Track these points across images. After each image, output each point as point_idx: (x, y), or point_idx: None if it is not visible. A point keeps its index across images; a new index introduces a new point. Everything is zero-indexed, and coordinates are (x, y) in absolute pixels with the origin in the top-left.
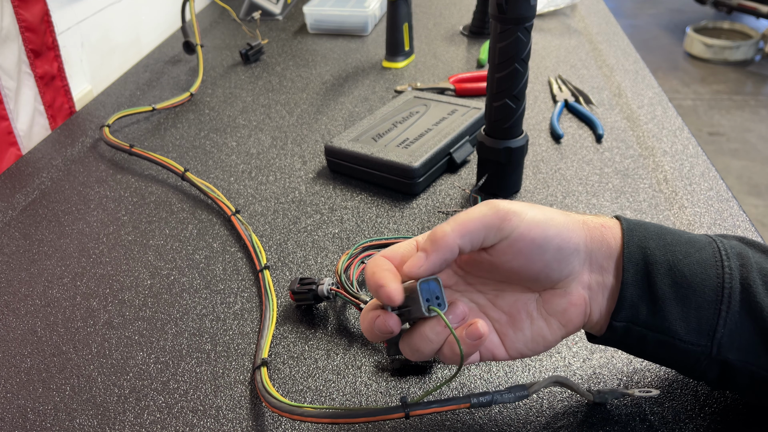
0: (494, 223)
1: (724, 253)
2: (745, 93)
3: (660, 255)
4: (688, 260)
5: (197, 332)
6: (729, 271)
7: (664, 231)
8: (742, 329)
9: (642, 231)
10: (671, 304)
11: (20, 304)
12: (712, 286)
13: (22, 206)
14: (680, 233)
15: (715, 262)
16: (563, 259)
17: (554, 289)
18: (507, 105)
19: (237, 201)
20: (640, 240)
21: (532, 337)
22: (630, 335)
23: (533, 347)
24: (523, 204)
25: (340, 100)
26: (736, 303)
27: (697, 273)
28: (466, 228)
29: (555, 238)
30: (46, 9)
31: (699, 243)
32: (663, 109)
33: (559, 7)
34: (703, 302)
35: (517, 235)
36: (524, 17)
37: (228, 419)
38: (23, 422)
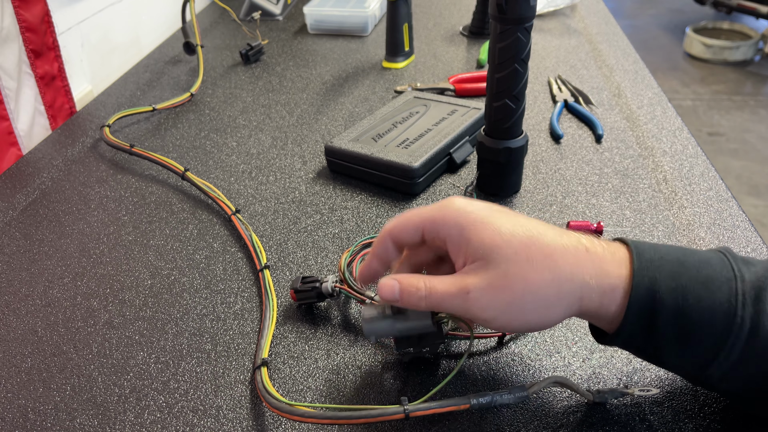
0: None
1: (740, 298)
2: (744, 93)
3: (670, 299)
4: (699, 305)
5: (197, 332)
6: (740, 321)
7: (680, 268)
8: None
9: (654, 269)
10: (670, 343)
11: (21, 304)
12: (718, 332)
13: (22, 206)
14: (698, 267)
15: (728, 309)
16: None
17: None
18: (507, 105)
19: (237, 201)
20: (650, 281)
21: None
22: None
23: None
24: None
25: (340, 101)
26: (738, 349)
27: (705, 318)
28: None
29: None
30: (47, 9)
31: (716, 282)
32: (662, 110)
33: (559, 7)
34: (704, 346)
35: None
36: (524, 17)
37: (228, 419)
38: (24, 422)
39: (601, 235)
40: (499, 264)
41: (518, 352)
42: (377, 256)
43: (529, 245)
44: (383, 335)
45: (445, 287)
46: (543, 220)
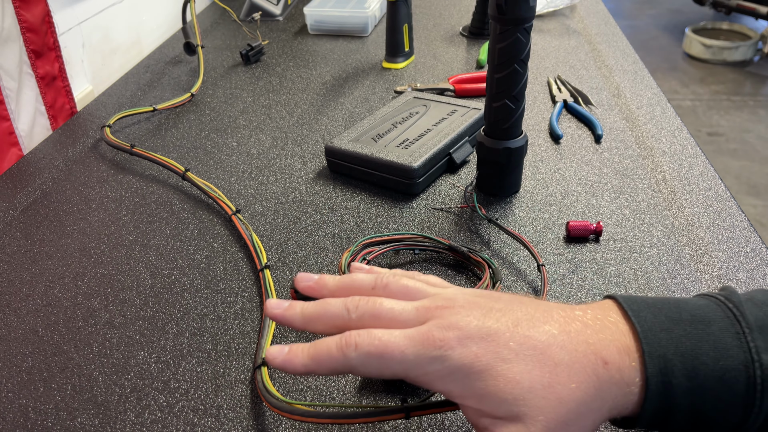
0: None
1: (759, 388)
2: (743, 93)
3: (685, 401)
4: (716, 404)
5: (198, 332)
6: (758, 410)
7: (697, 363)
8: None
9: (668, 371)
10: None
11: (21, 304)
12: (733, 421)
13: (23, 206)
14: (715, 359)
15: (746, 400)
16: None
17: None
18: (506, 105)
19: (237, 201)
20: (665, 387)
21: None
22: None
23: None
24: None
25: (340, 101)
26: (754, 428)
27: (721, 413)
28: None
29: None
30: (47, 10)
31: (733, 373)
32: (662, 110)
33: (559, 7)
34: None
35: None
36: (524, 18)
37: (229, 418)
38: (24, 421)
39: (601, 235)
40: (537, 418)
41: None
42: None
43: (552, 382)
44: None
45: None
46: (543, 220)
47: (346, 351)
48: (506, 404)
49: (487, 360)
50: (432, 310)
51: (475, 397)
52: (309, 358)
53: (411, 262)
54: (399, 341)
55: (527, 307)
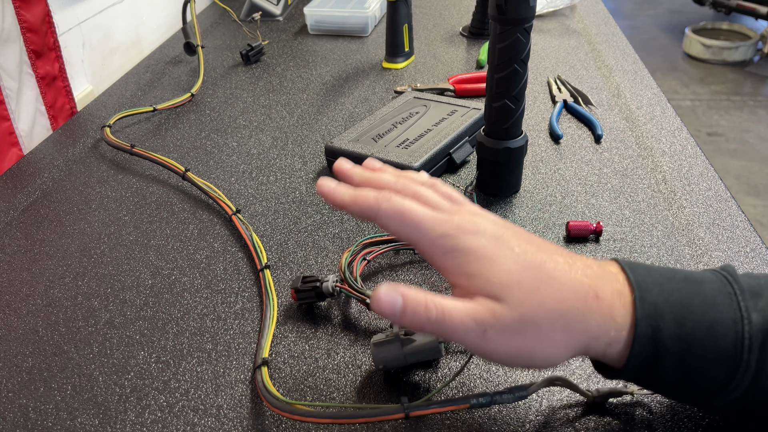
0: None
1: (746, 343)
2: (743, 93)
3: (673, 348)
4: (703, 354)
5: (198, 332)
6: (745, 366)
7: (686, 312)
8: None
9: (658, 315)
10: (670, 388)
11: (22, 304)
12: (721, 377)
13: (23, 206)
14: (704, 310)
15: (734, 354)
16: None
17: None
18: (506, 105)
19: (238, 201)
20: (654, 330)
21: None
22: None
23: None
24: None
25: (340, 101)
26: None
27: (709, 366)
28: (443, 329)
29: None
30: (48, 10)
31: (722, 327)
32: (662, 110)
33: (559, 7)
34: (705, 389)
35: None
36: (523, 18)
37: (229, 418)
38: (24, 421)
39: (601, 235)
40: (514, 307)
41: None
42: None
43: (540, 288)
44: (392, 363)
45: (459, 317)
46: (543, 220)
47: (380, 201)
48: (492, 286)
49: (490, 251)
50: (462, 211)
51: (467, 276)
52: (349, 197)
53: (411, 262)
54: (424, 212)
55: (542, 240)
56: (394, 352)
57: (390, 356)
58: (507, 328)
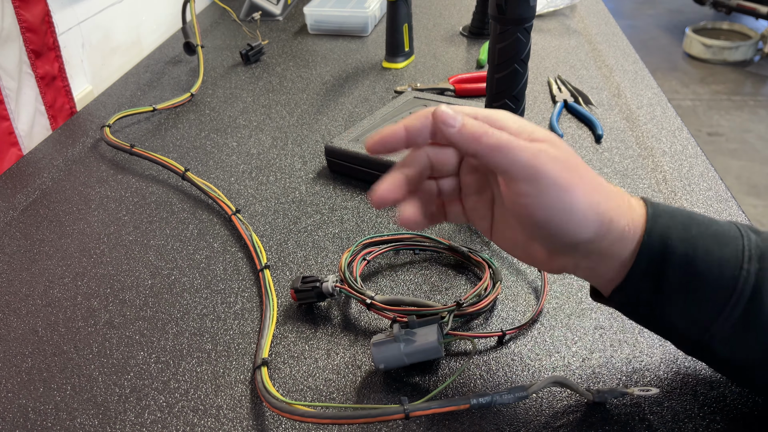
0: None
1: (747, 254)
2: (744, 93)
3: (680, 248)
4: (707, 257)
5: (198, 332)
6: (745, 274)
7: (691, 221)
8: (739, 330)
9: (667, 219)
10: (675, 297)
11: (21, 304)
12: (723, 286)
13: (23, 206)
14: (708, 224)
15: (735, 262)
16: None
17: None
18: (506, 105)
19: (237, 201)
20: (663, 229)
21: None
22: (626, 307)
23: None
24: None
25: (340, 101)
26: (741, 306)
27: (713, 270)
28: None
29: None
30: (47, 9)
31: (724, 238)
32: (662, 110)
33: (559, 7)
34: (708, 300)
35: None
36: (524, 18)
37: (228, 419)
38: (24, 422)
39: None
40: (565, 151)
41: (518, 352)
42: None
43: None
44: (391, 362)
45: (514, 139)
46: None
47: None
48: (549, 135)
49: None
50: None
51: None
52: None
53: (411, 262)
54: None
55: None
56: (394, 353)
57: (390, 356)
58: (560, 158)
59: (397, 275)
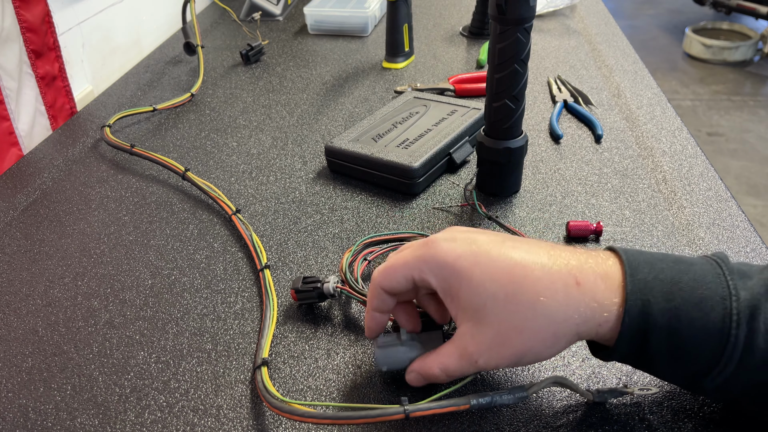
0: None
1: (734, 319)
2: (743, 93)
3: (662, 320)
4: (691, 326)
5: (198, 332)
6: (734, 341)
7: (674, 288)
8: (731, 382)
9: (647, 290)
10: (663, 362)
11: (21, 304)
12: (711, 353)
13: (23, 206)
14: (693, 288)
15: (722, 329)
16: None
17: None
18: (506, 105)
19: (238, 201)
20: (643, 304)
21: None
22: (621, 362)
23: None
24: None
25: (340, 101)
26: (732, 366)
27: (698, 340)
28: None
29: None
30: (47, 10)
31: (710, 302)
32: (662, 110)
33: (559, 7)
34: (697, 365)
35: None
36: (524, 18)
37: (229, 418)
38: (24, 421)
39: (601, 235)
40: (491, 323)
41: None
42: (376, 309)
43: (516, 293)
44: (395, 365)
45: (455, 363)
46: (543, 220)
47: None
48: (468, 312)
49: (465, 263)
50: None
51: (450, 297)
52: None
53: None
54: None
55: (523, 238)
56: (398, 356)
57: (394, 360)
58: (493, 346)
59: None
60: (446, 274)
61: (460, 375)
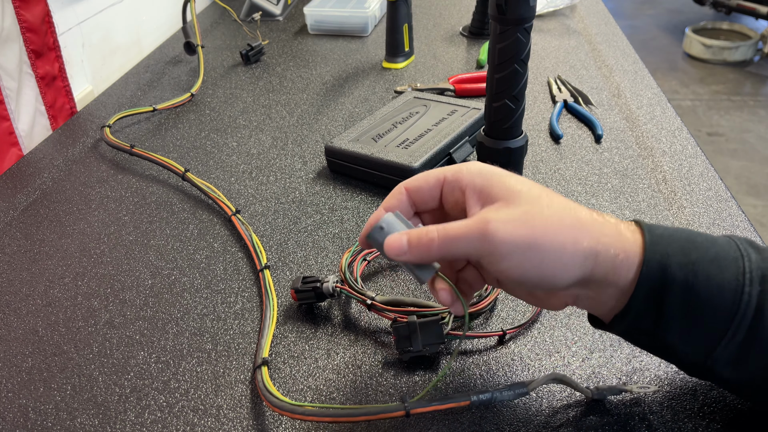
0: (477, 245)
1: (747, 276)
2: (743, 93)
3: (680, 275)
4: (708, 283)
5: (198, 332)
6: (747, 298)
7: (690, 246)
8: (742, 354)
9: (665, 245)
10: (677, 322)
11: (21, 304)
12: (725, 310)
13: (23, 206)
14: (707, 247)
15: (736, 286)
16: (549, 284)
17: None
18: (506, 105)
19: (237, 201)
20: (662, 257)
21: (510, 290)
22: (628, 334)
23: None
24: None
25: (340, 101)
26: (743, 330)
27: (713, 295)
28: (450, 246)
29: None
30: (47, 9)
31: (725, 261)
32: (662, 110)
33: (559, 7)
34: (710, 326)
35: (498, 259)
36: (524, 18)
37: (228, 418)
38: (24, 421)
39: None
40: (521, 203)
41: (518, 352)
42: (385, 207)
43: (550, 194)
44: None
45: (460, 226)
46: None
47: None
48: (501, 197)
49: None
50: None
51: (478, 192)
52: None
53: None
54: None
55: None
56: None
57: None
58: (511, 219)
59: (398, 275)
60: (485, 173)
61: (457, 245)
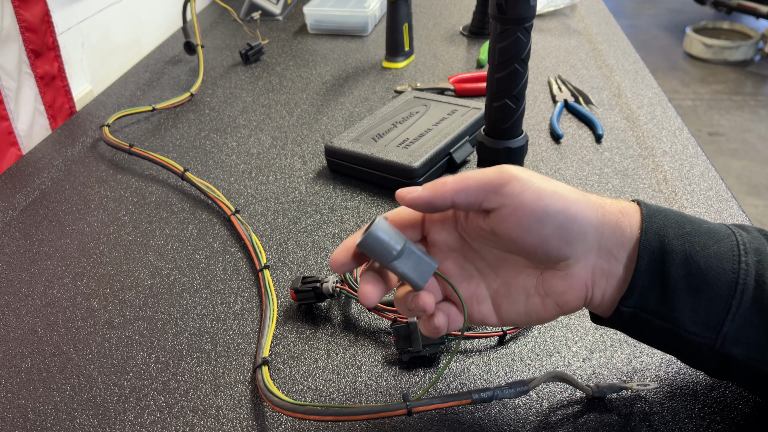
0: (495, 185)
1: (742, 248)
2: (744, 93)
3: (677, 244)
4: (705, 252)
5: (197, 332)
6: (745, 267)
7: (684, 219)
8: (750, 325)
9: (661, 218)
10: (682, 294)
11: (21, 304)
12: (726, 280)
13: (22, 206)
14: (700, 223)
15: (732, 256)
16: (565, 239)
17: (555, 270)
18: (507, 105)
19: (237, 201)
20: (658, 227)
21: (525, 311)
22: (635, 320)
23: (526, 320)
24: (534, 174)
25: (340, 101)
26: (748, 299)
27: (712, 266)
28: (466, 184)
29: (558, 215)
30: (47, 9)
31: (718, 234)
32: (662, 110)
33: (559, 7)
34: (714, 296)
35: (517, 203)
36: (524, 17)
37: (228, 419)
38: (24, 422)
39: None
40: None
41: (518, 352)
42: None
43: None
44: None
45: (479, 174)
46: None
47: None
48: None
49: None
50: None
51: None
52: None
53: None
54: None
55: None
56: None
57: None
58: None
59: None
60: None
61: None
